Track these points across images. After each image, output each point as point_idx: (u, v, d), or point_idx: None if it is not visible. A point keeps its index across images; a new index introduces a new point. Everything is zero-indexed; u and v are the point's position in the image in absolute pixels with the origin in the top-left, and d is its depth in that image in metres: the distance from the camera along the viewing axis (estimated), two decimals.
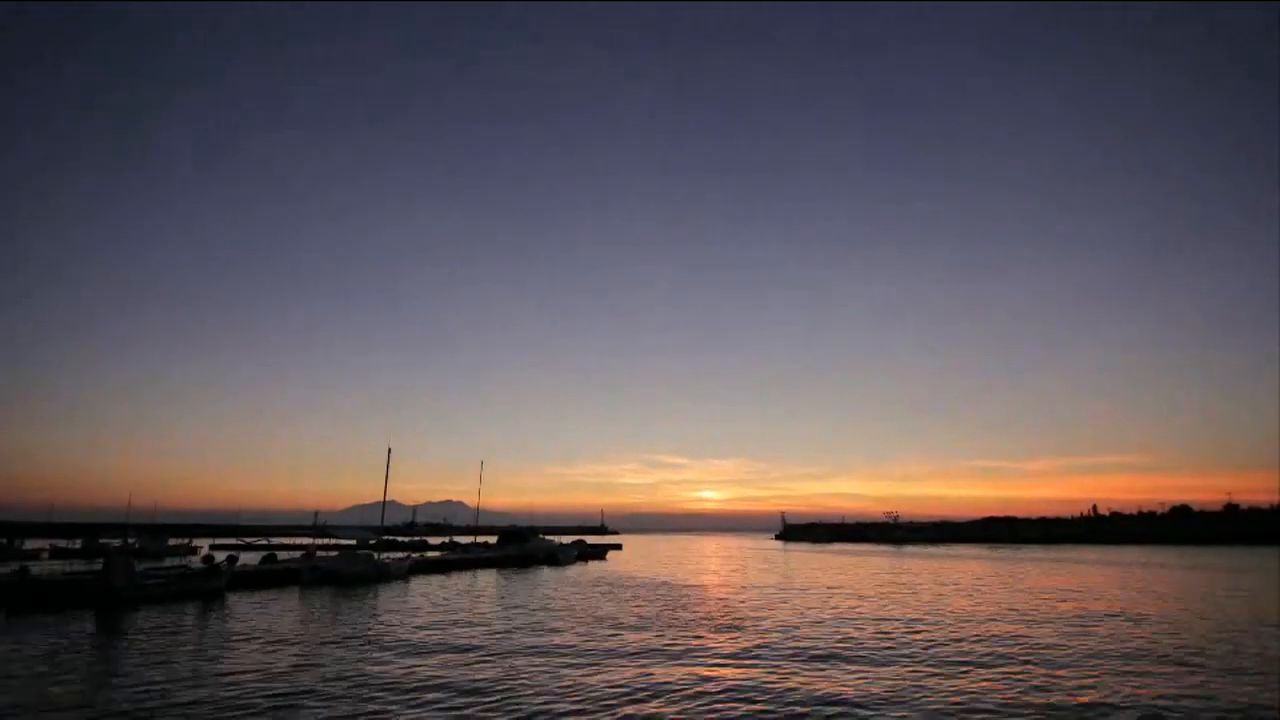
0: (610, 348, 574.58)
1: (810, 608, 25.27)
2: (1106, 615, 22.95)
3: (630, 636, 18.55)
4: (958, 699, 11.79)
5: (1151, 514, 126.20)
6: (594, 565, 55.61)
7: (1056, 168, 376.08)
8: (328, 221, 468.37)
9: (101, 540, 66.01)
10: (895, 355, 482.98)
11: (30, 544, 66.49)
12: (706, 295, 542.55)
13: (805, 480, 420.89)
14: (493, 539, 67.73)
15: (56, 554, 58.90)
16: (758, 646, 17.02)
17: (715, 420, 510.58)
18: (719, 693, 12.23)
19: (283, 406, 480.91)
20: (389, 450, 44.22)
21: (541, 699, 11.69)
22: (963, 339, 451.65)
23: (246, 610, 24.08)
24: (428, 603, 27.08)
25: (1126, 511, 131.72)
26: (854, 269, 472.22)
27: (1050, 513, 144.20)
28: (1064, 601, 27.15)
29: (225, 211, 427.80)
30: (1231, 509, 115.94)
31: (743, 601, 27.63)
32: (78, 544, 63.50)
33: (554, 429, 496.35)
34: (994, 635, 18.71)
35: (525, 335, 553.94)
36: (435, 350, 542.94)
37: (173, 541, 70.28)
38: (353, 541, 44.43)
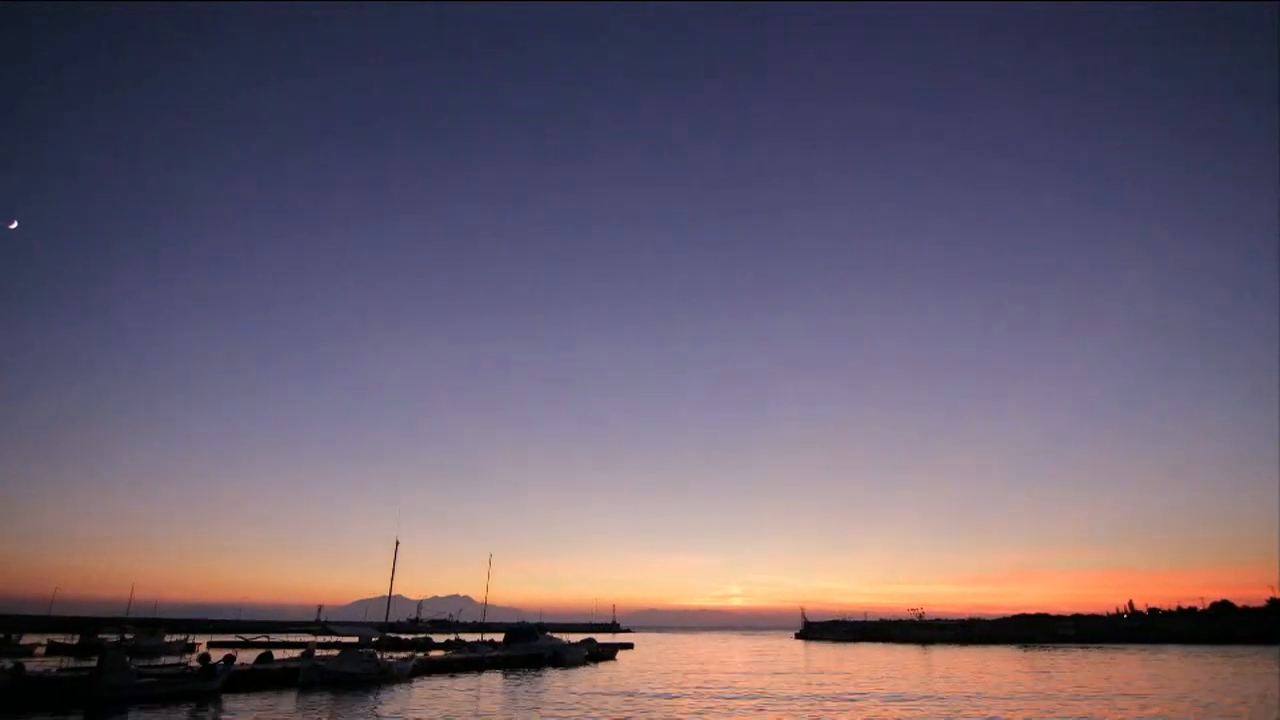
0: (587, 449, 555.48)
1: None
2: None
3: None
4: None
5: (1192, 610, 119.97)
6: (605, 667, 53.14)
7: (1066, 258, 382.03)
8: (332, 312, 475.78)
9: (99, 635, 64.54)
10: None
11: (28, 639, 65.20)
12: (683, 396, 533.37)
13: (776, 574, 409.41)
14: (499, 637, 65.56)
15: (53, 650, 57.73)
16: None
17: (680, 515, 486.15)
18: None
19: (289, 498, 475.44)
20: (396, 543, 43.75)
21: None
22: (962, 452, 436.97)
23: (241, 714, 23.29)
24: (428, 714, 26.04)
25: (1164, 608, 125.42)
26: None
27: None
28: None
29: (229, 300, 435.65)
30: (1276, 604, 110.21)
31: None
32: (75, 640, 62.22)
33: (553, 523, 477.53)
34: None
35: (529, 428, 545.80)
36: (441, 442, 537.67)
37: (170, 638, 68.31)
38: (355, 639, 43.08)
